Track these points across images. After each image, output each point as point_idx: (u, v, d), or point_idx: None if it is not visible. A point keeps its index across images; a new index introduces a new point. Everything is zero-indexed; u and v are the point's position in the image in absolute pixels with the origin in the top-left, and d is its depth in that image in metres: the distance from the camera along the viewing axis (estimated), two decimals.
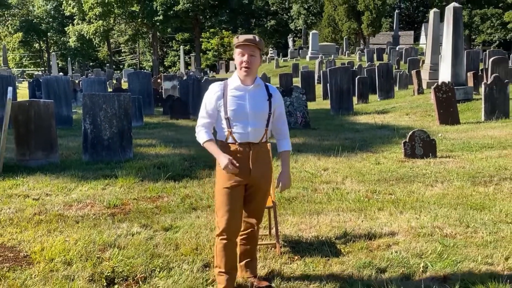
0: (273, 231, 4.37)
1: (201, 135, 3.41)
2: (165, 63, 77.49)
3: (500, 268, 3.78)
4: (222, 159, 3.29)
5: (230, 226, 3.34)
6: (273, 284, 3.61)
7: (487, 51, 27.00)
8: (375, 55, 38.39)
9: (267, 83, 3.50)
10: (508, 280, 3.56)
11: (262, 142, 3.42)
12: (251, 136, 3.34)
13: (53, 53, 61.77)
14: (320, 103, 20.00)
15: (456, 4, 14.91)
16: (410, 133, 8.16)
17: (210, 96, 3.38)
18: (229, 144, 3.36)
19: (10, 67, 56.78)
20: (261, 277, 3.73)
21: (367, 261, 3.95)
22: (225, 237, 3.36)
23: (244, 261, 3.64)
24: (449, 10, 14.67)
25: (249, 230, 3.59)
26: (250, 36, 3.34)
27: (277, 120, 3.50)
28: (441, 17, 18.46)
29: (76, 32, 62.36)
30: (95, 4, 56.41)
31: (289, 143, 3.61)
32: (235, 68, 3.42)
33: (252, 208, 3.51)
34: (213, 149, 3.37)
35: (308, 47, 44.94)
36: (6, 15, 68.35)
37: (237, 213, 3.38)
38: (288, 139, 3.61)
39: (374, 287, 3.52)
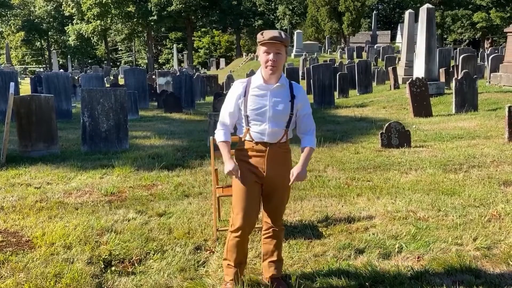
0: (260, 215, 4.35)
1: (219, 135, 3.13)
2: (159, 60, 76.86)
3: (468, 248, 3.81)
4: (227, 165, 3.05)
5: (245, 224, 3.08)
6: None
7: (458, 49, 27.19)
8: (355, 53, 38.40)
9: (292, 82, 3.16)
10: (475, 259, 3.60)
11: (281, 143, 3.09)
12: (268, 136, 3.03)
13: (54, 51, 61.03)
14: None
15: (430, 6, 14.94)
16: (386, 125, 8.18)
17: (232, 95, 3.09)
18: (246, 142, 3.08)
19: (13, 64, 56.00)
20: (282, 277, 3.41)
21: (347, 243, 3.96)
22: (238, 234, 3.11)
23: (267, 261, 3.32)
24: (423, 11, 14.70)
25: (271, 229, 3.26)
26: (276, 33, 2.93)
27: (301, 118, 3.14)
28: (415, 17, 18.50)
29: (75, 31, 61.64)
30: (93, 5, 55.78)
31: (313, 140, 3.19)
32: (226, 65, 3.22)
33: (270, 208, 3.23)
34: (224, 152, 3.10)
35: (293, 46, 44.78)
36: (8, 15, 67.16)
37: (252, 211, 3.10)
38: (312, 136, 3.20)
39: (353, 267, 3.53)
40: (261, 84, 3.03)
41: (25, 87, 24.67)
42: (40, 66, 71.68)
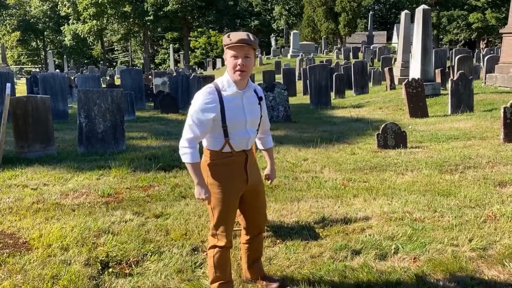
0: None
1: (189, 155, 2.94)
2: (155, 60, 76.70)
3: (464, 249, 3.83)
4: (203, 189, 2.91)
5: (231, 239, 3.03)
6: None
7: (454, 49, 27.23)
8: (351, 54, 38.48)
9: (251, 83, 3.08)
10: (471, 260, 3.62)
11: (252, 148, 3.07)
12: (249, 143, 2.97)
13: (50, 51, 60.68)
14: (301, 98, 20.01)
15: (425, 6, 15.01)
16: (382, 126, 8.20)
17: (204, 109, 2.81)
18: (223, 153, 2.92)
19: (9, 64, 55.80)
20: (270, 277, 3.41)
21: (343, 244, 3.97)
22: (225, 248, 3.01)
23: (253, 263, 3.33)
24: (419, 12, 14.76)
25: (259, 235, 3.27)
26: (243, 36, 2.74)
27: (263, 120, 3.11)
28: (411, 18, 18.55)
29: (71, 31, 61.44)
30: (89, 5, 55.60)
31: (272, 140, 3.33)
32: (222, 65, 3.13)
33: (256, 214, 3.17)
34: (197, 173, 2.93)
35: (289, 46, 44.85)
36: (4, 15, 66.91)
37: (233, 224, 3.08)
38: (270, 136, 3.31)
39: (349, 268, 3.54)
40: (236, 91, 2.85)
41: (21, 87, 24.58)
42: (36, 66, 71.36)
